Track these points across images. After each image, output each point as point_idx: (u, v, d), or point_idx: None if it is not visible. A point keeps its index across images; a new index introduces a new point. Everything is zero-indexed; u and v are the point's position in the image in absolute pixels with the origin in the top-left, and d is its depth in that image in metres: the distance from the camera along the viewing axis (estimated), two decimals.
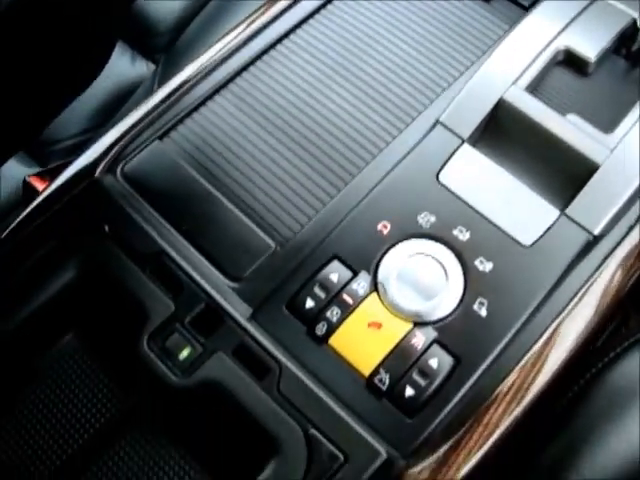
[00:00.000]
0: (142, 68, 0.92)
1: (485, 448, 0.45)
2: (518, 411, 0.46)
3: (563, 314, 0.47)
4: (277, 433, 0.42)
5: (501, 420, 0.46)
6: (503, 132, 0.52)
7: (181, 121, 0.55)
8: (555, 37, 0.55)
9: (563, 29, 0.55)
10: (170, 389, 0.44)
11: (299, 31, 0.58)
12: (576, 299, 0.48)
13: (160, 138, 0.54)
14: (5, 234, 0.52)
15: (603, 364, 0.50)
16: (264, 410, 0.42)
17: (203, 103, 0.56)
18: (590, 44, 0.55)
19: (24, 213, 0.54)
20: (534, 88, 0.54)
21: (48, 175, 0.66)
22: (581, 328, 0.48)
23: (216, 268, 0.49)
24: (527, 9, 0.58)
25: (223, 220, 0.50)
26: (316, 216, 0.50)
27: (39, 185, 0.63)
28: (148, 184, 0.52)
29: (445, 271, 0.48)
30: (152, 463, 0.45)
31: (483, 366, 0.46)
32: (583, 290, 0.48)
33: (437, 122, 0.53)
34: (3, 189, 0.85)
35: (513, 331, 0.46)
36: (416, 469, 0.44)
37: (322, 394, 0.44)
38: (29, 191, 0.62)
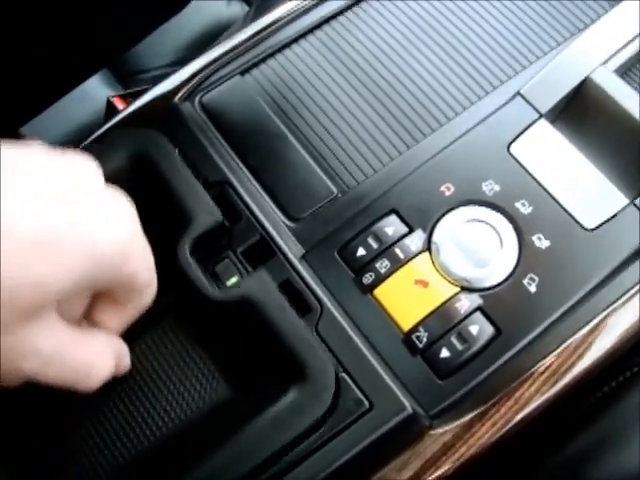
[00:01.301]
0: (236, 9, 0.93)
1: (511, 423, 0.45)
2: (551, 393, 0.45)
3: (614, 305, 0.46)
4: (307, 361, 0.43)
5: (532, 398, 0.45)
6: (583, 112, 0.51)
7: (264, 60, 0.55)
8: None
9: None
10: (208, 300, 0.45)
11: None
12: (630, 292, 0.47)
13: (242, 74, 0.55)
14: (83, 144, 0.55)
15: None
16: (299, 338, 0.43)
17: (288, 45, 0.57)
18: None
19: (103, 128, 0.56)
20: (624, 72, 0.52)
21: (131, 97, 0.68)
22: (630, 323, 0.47)
23: (276, 205, 0.50)
24: None
25: (290, 161, 0.51)
26: (381, 169, 0.51)
27: (120, 105, 0.65)
28: (223, 116, 0.53)
29: (501, 241, 0.47)
30: (174, 363, 0.46)
31: (523, 342, 0.45)
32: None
33: (517, 94, 0.52)
34: (88, 110, 0.88)
35: (560, 313, 0.46)
36: (438, 430, 0.44)
37: (358, 341, 0.45)
38: (111, 110, 0.64)
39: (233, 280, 0.47)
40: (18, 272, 0.29)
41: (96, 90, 0.89)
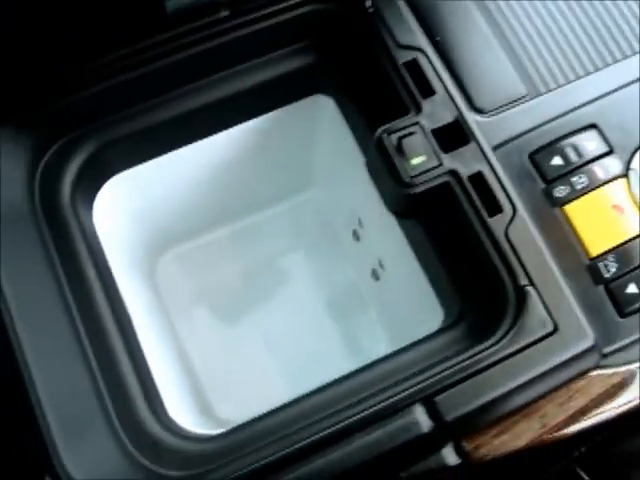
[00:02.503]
0: None
1: None
2: None
3: None
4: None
5: None
6: None
7: None
8: None
9: None
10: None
11: None
12: None
13: None
14: None
15: None
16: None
17: None
18: None
19: None
20: None
21: None
22: None
23: (465, 93, 0.44)
24: None
25: (487, 50, 0.45)
26: (582, 78, 0.45)
27: None
28: None
29: None
30: None
31: None
32: None
33: None
34: None
35: None
36: (608, 371, 0.40)
37: (547, 255, 0.40)
38: None
39: (418, 160, 0.41)
40: None
41: None
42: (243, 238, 0.60)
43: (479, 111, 0.44)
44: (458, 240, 0.41)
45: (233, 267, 0.60)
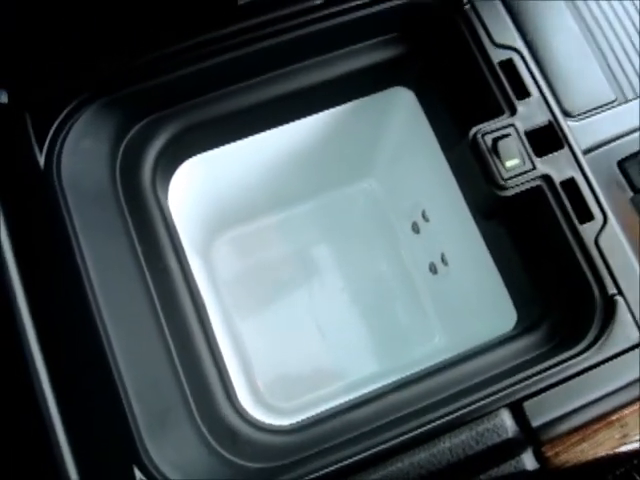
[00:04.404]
0: None
1: None
2: None
3: None
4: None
5: None
6: None
7: None
8: None
9: None
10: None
11: None
12: None
13: None
14: None
15: None
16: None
17: None
18: None
19: None
20: None
21: None
22: None
23: (555, 96, 0.43)
24: None
25: (578, 54, 0.45)
26: None
27: None
28: None
29: None
30: None
31: None
32: None
33: None
34: None
35: None
36: None
37: (637, 265, 0.40)
38: None
39: (512, 163, 0.40)
40: None
41: None
42: (296, 224, 0.59)
43: (568, 114, 0.43)
44: (545, 245, 0.41)
45: (285, 252, 0.59)
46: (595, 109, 0.44)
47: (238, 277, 0.58)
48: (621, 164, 0.43)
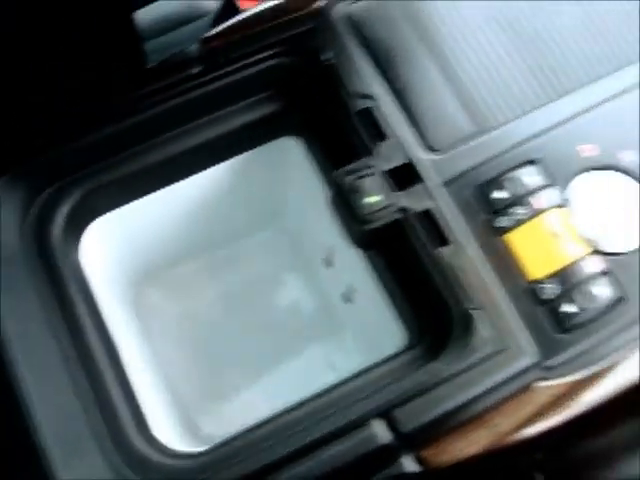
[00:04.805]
0: None
1: (615, 387, 0.46)
2: None
3: None
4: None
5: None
6: None
7: None
8: None
9: None
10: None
11: None
12: None
13: None
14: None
15: None
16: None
17: None
18: None
19: (226, 24, 0.53)
20: None
21: None
22: None
23: (419, 133, 0.48)
24: None
25: (434, 91, 0.50)
26: (523, 116, 0.50)
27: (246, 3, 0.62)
28: (371, 31, 0.52)
29: (635, 211, 0.47)
30: None
31: None
32: None
33: None
34: None
35: None
36: (551, 383, 0.45)
37: (490, 280, 0.45)
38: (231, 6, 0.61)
39: (373, 199, 0.45)
40: None
41: None
42: (222, 266, 0.64)
43: (432, 149, 0.48)
44: (413, 270, 0.46)
45: (213, 293, 0.64)
46: (457, 142, 0.49)
47: (167, 322, 0.63)
48: (479, 190, 0.48)
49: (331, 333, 0.62)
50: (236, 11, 0.55)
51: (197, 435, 0.58)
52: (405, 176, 0.46)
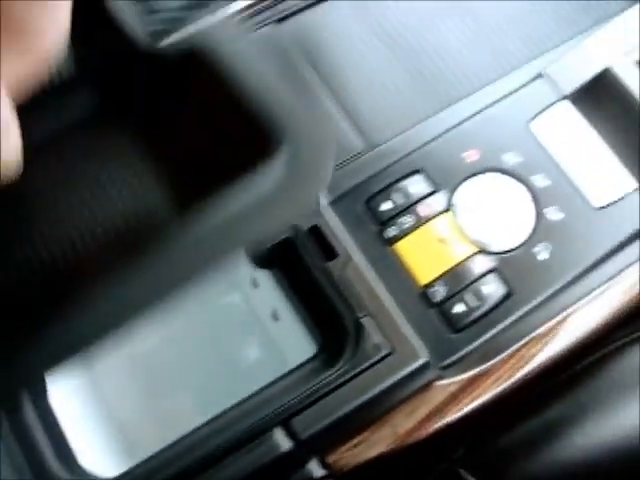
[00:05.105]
0: None
1: (512, 380, 0.48)
2: (549, 354, 0.48)
3: (615, 279, 0.50)
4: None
5: (532, 358, 0.48)
6: (603, 98, 0.54)
7: (303, 10, 0.56)
8: None
9: None
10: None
11: None
12: (631, 269, 0.50)
13: (279, 21, 0.56)
14: None
15: (632, 339, 0.52)
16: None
17: None
18: None
19: None
20: None
21: None
22: (629, 297, 0.50)
23: None
24: None
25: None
26: (409, 129, 0.53)
27: None
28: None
29: (518, 209, 0.50)
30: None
31: (532, 304, 0.48)
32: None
33: (540, 74, 0.55)
34: None
35: (567, 280, 0.49)
36: (446, 381, 0.47)
37: (379, 289, 0.47)
38: None
39: None
40: None
41: None
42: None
43: None
44: (309, 284, 0.48)
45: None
46: (347, 160, 0.52)
47: None
48: (367, 204, 0.50)
49: (262, 349, 0.65)
50: None
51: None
52: None
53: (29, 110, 0.26)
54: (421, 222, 0.49)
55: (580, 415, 0.50)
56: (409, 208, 0.50)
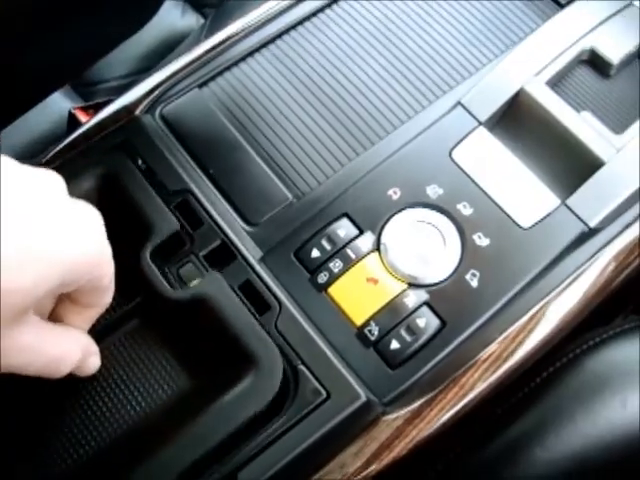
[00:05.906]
0: (191, 20, 0.96)
1: (457, 408, 0.49)
2: (493, 379, 0.49)
3: (550, 296, 0.51)
4: (257, 352, 0.46)
5: (476, 384, 0.49)
6: (519, 120, 0.55)
7: (221, 73, 0.59)
8: (582, 36, 0.57)
9: (592, 29, 0.58)
10: (166, 300, 0.48)
11: (342, 3, 0.62)
12: (564, 285, 0.51)
13: (200, 86, 0.58)
14: (46, 159, 0.57)
15: (582, 350, 0.53)
16: (250, 331, 0.47)
17: (244, 59, 0.60)
18: (615, 47, 0.57)
19: (66, 141, 0.58)
20: (555, 83, 0.57)
21: (92, 109, 0.71)
22: (565, 312, 0.51)
23: (235, 211, 0.53)
24: (562, 6, 0.61)
25: (248, 169, 0.54)
26: (333, 175, 0.54)
27: (83, 117, 0.68)
28: (183, 127, 0.56)
29: (444, 240, 0.51)
30: (139, 361, 0.49)
31: (467, 332, 0.49)
32: (572, 277, 0.51)
33: (458, 103, 0.56)
34: (48, 120, 0.89)
35: (500, 304, 0.50)
36: (391, 416, 0.48)
37: (315, 336, 0.48)
38: (73, 122, 0.67)
39: (196, 282, 0.49)
40: (7, 284, 0.34)
41: (55, 100, 0.91)
42: None
43: (251, 224, 0.53)
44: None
45: None
46: (275, 212, 0.53)
47: None
48: (296, 254, 0.52)
49: None
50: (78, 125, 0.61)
51: None
52: (223, 256, 0.51)
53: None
54: (351, 264, 0.51)
55: (541, 430, 0.51)
56: (338, 252, 0.51)
